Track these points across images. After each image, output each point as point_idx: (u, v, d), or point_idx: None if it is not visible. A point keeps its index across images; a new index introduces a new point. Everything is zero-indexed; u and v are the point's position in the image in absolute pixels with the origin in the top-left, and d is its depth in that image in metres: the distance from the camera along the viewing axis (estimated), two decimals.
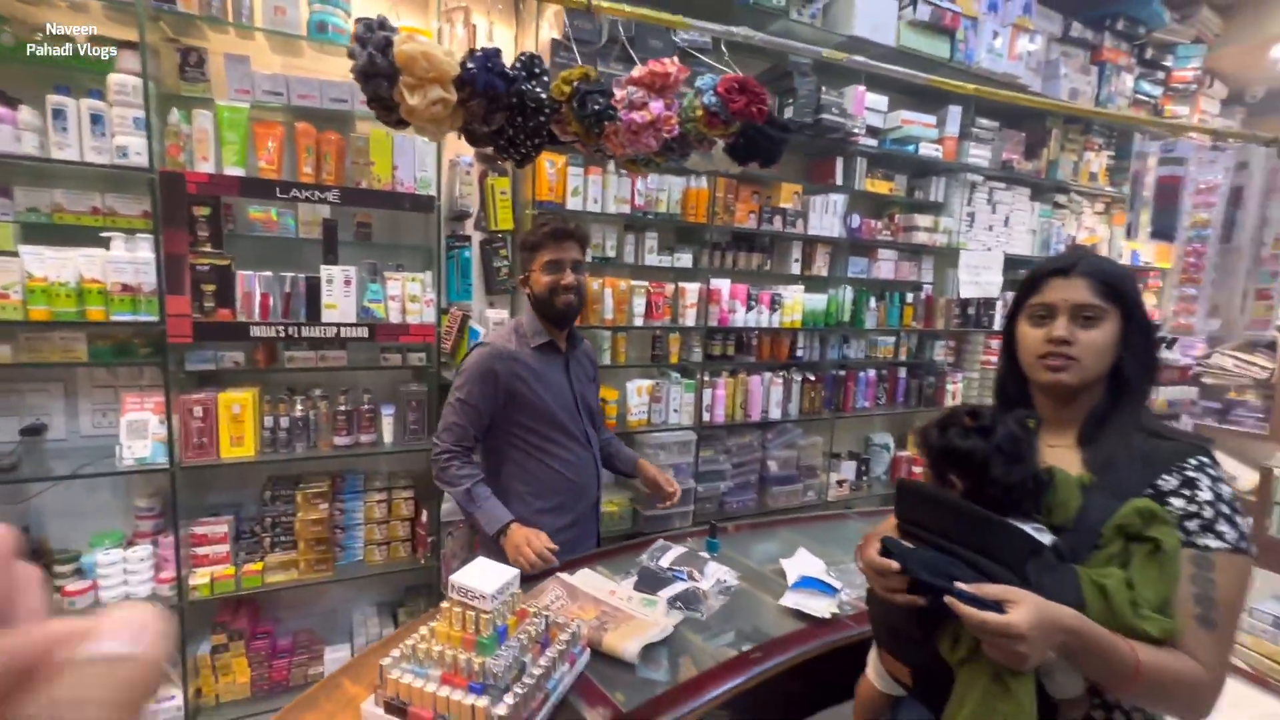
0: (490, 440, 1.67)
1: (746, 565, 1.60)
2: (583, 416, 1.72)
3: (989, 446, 0.83)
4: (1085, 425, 0.93)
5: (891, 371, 3.05)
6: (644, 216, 2.31)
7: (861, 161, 2.75)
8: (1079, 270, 0.90)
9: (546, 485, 1.66)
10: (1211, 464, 0.84)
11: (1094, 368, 0.89)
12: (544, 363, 1.65)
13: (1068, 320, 0.89)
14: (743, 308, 2.52)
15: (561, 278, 1.59)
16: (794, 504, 2.76)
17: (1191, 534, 0.79)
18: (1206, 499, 0.80)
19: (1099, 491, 0.84)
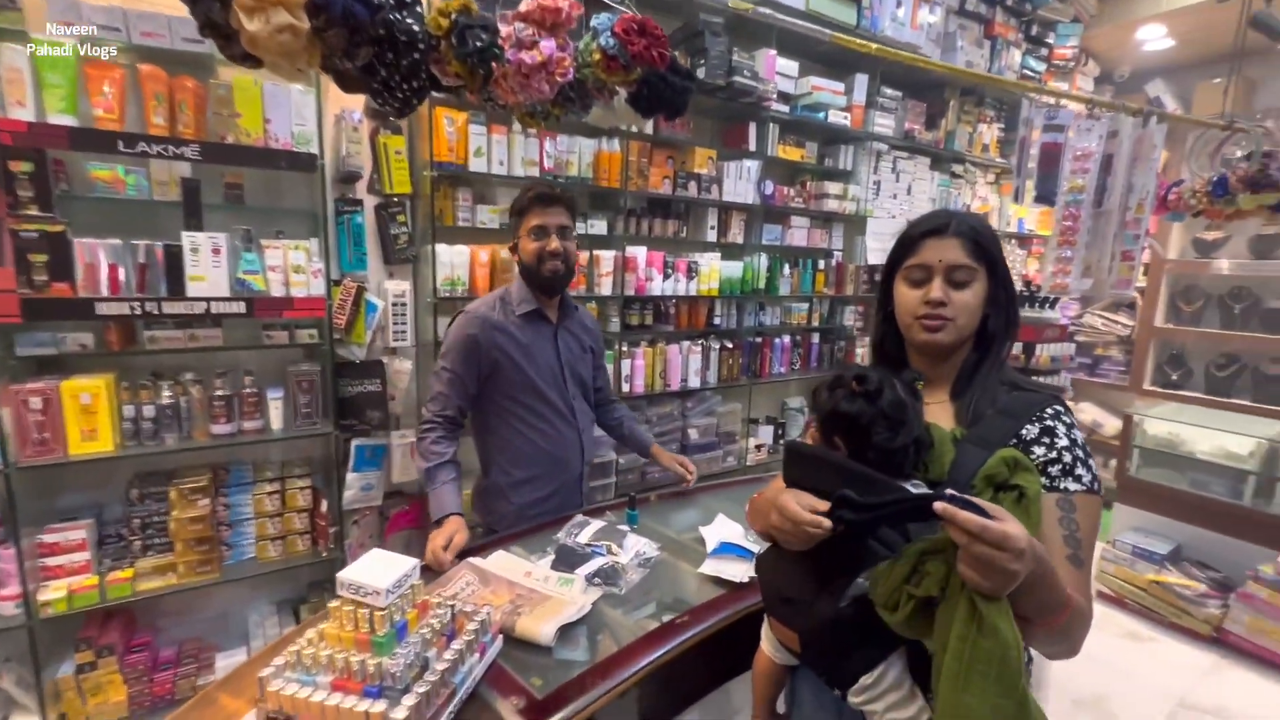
0: (476, 407, 1.65)
1: (666, 535, 1.58)
2: (569, 389, 1.67)
3: (874, 411, 0.83)
4: (957, 381, 0.97)
5: (805, 337, 3.13)
6: (554, 180, 2.20)
7: (774, 128, 2.74)
8: (952, 230, 0.92)
9: (524, 456, 1.64)
10: (1065, 412, 0.89)
11: (967, 326, 0.93)
12: (529, 332, 1.62)
13: (943, 281, 0.91)
14: (660, 276, 2.48)
15: (547, 244, 1.55)
16: (715, 470, 2.79)
17: (1055, 479, 0.83)
18: (1064, 444, 0.85)
19: (970, 444, 0.87)
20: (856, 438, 0.85)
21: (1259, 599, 2.69)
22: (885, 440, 0.82)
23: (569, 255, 1.61)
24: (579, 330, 1.76)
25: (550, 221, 1.56)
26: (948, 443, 0.88)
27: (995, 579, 0.65)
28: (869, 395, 0.84)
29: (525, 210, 1.58)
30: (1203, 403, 3.84)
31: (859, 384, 0.85)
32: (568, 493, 1.74)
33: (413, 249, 2.07)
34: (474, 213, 2.12)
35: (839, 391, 0.87)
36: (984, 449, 0.85)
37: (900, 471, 0.84)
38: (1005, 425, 0.88)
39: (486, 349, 1.58)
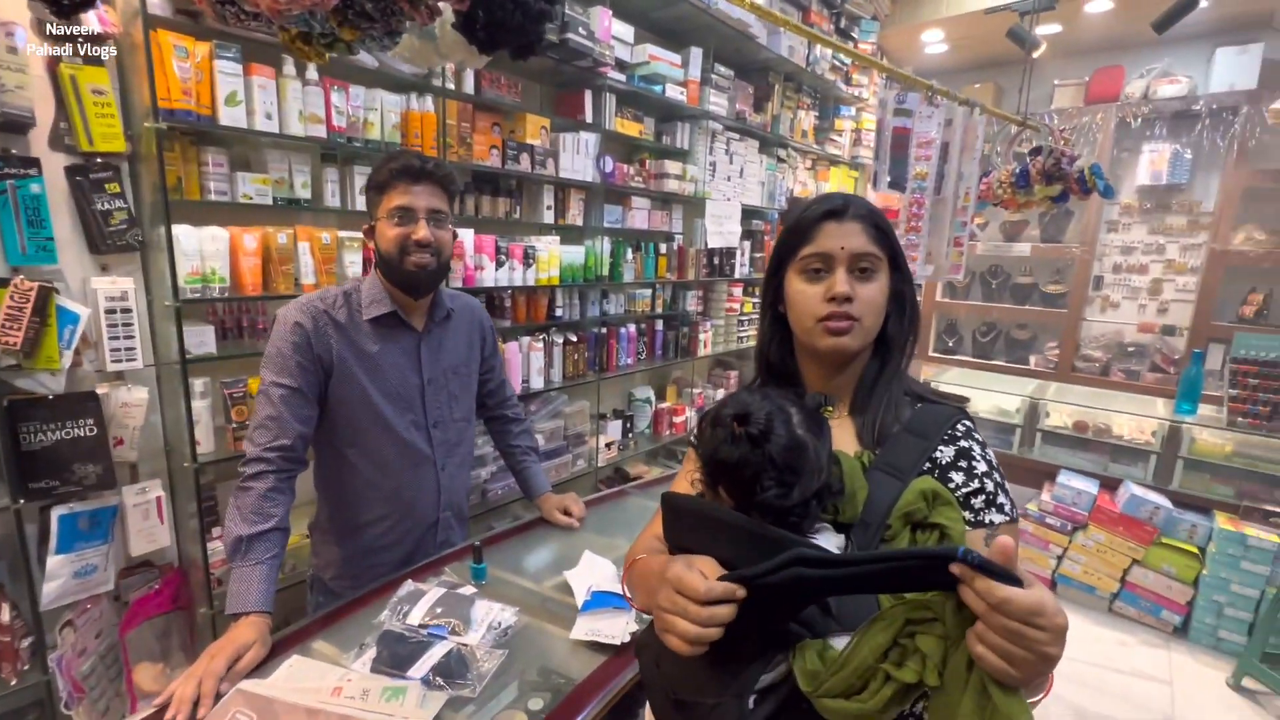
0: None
1: (523, 588, 1.30)
2: (428, 416, 1.36)
3: (760, 459, 0.65)
4: (857, 393, 0.84)
5: (650, 325, 2.99)
6: (348, 144, 1.73)
7: (611, 98, 2.50)
8: (853, 212, 0.79)
9: (357, 496, 1.34)
10: (974, 426, 0.80)
11: (873, 328, 0.80)
12: (379, 342, 1.30)
13: (846, 272, 0.77)
14: (491, 264, 2.12)
15: (413, 231, 1.23)
16: (565, 476, 2.54)
17: (979, 511, 0.74)
18: (982, 470, 0.76)
19: (880, 472, 0.74)
20: (740, 492, 0.67)
21: (1026, 532, 3.18)
22: (775, 498, 0.64)
23: (441, 247, 1.27)
24: (456, 339, 1.43)
25: (418, 203, 1.24)
26: (859, 475, 0.73)
27: (1026, 665, 0.48)
28: (754, 439, 0.65)
29: (385, 186, 1.24)
30: (971, 365, 4.49)
31: (740, 423, 0.66)
32: (415, 544, 1.41)
33: (136, 231, 1.47)
34: (233, 183, 1.57)
35: (719, 432, 0.68)
36: (896, 478, 0.73)
37: (801, 529, 0.67)
38: (916, 447, 0.76)
39: (321, 349, 1.22)
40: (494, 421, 1.63)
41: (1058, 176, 2.13)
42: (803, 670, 0.61)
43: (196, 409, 1.54)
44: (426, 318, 1.37)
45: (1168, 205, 3.98)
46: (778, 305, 0.86)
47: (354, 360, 1.27)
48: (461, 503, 1.50)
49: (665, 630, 0.62)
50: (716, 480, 0.70)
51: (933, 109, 1.80)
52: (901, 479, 0.73)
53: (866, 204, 0.82)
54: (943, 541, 0.67)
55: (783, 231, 0.85)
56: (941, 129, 1.81)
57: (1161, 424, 3.07)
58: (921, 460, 0.75)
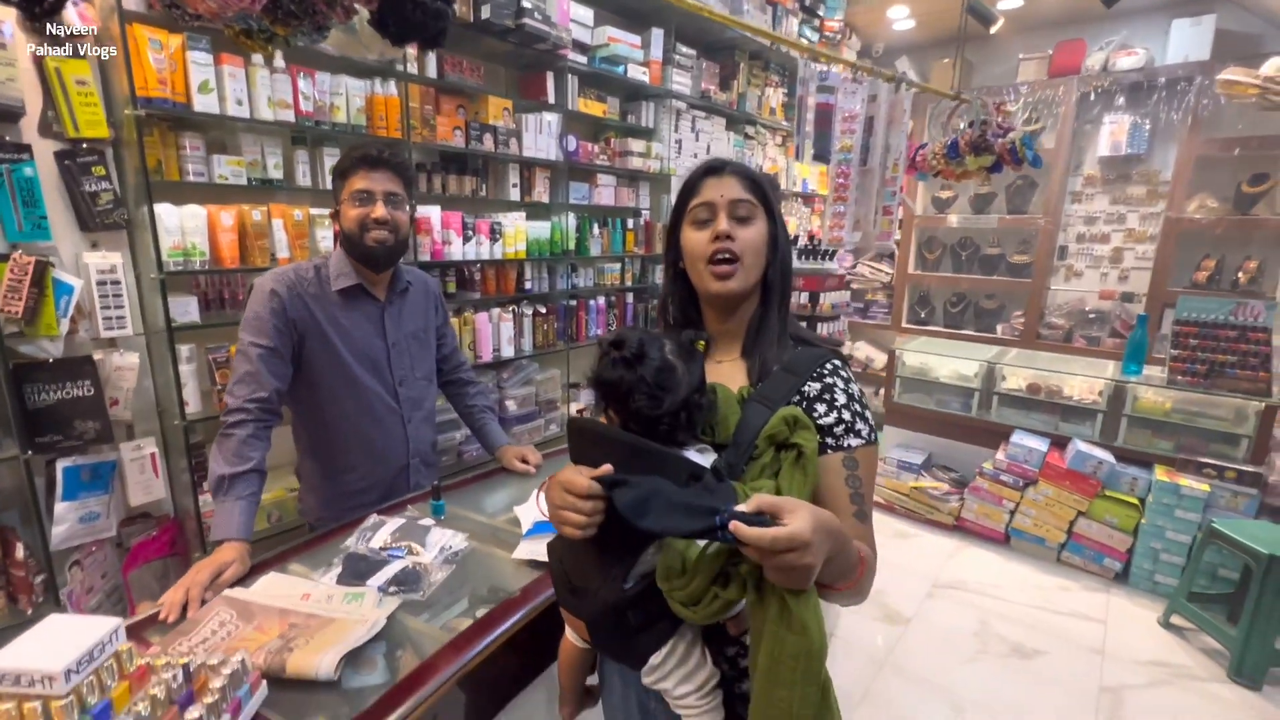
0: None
1: (478, 522, 1.47)
2: (394, 375, 1.54)
3: (634, 378, 0.79)
4: (746, 337, 0.97)
5: (619, 297, 3.13)
6: (316, 127, 1.86)
7: (573, 80, 2.62)
8: (730, 170, 0.94)
9: (334, 445, 1.52)
10: (843, 365, 0.93)
11: (754, 267, 0.93)
12: (348, 311, 1.47)
13: (727, 217, 0.91)
14: (459, 239, 2.27)
15: (371, 210, 1.40)
16: (536, 440, 2.71)
17: (839, 437, 0.85)
18: (842, 402, 0.87)
19: (755, 403, 0.86)
20: (621, 407, 0.81)
21: (983, 489, 3.35)
22: (646, 407, 0.79)
23: (398, 225, 1.44)
24: (414, 309, 1.60)
25: (375, 187, 1.41)
26: (733, 403, 0.87)
27: (798, 577, 0.65)
28: (628, 360, 0.79)
29: (347, 172, 1.41)
30: (943, 335, 4.64)
31: (617, 349, 0.81)
32: (388, 487, 1.58)
33: (122, 211, 1.62)
34: (210, 165, 1.71)
35: (602, 357, 0.82)
36: (768, 408, 0.85)
37: (675, 438, 0.82)
38: (788, 383, 0.89)
39: (295, 315, 1.39)
40: (450, 385, 1.78)
41: (985, 148, 2.25)
42: (663, 565, 0.77)
43: (183, 373, 1.69)
44: (388, 289, 1.53)
45: (1128, 175, 4.10)
46: (678, 262, 1.00)
47: (327, 325, 1.43)
48: (428, 451, 1.67)
49: (559, 522, 0.78)
50: (605, 402, 0.85)
51: (856, 85, 1.92)
52: (772, 408, 0.85)
53: (744, 166, 0.96)
54: (800, 460, 0.81)
55: (679, 190, 0.99)
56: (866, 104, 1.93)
57: (1108, 384, 3.22)
58: (791, 393, 0.87)
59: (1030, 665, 2.44)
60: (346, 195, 1.41)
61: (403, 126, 2.04)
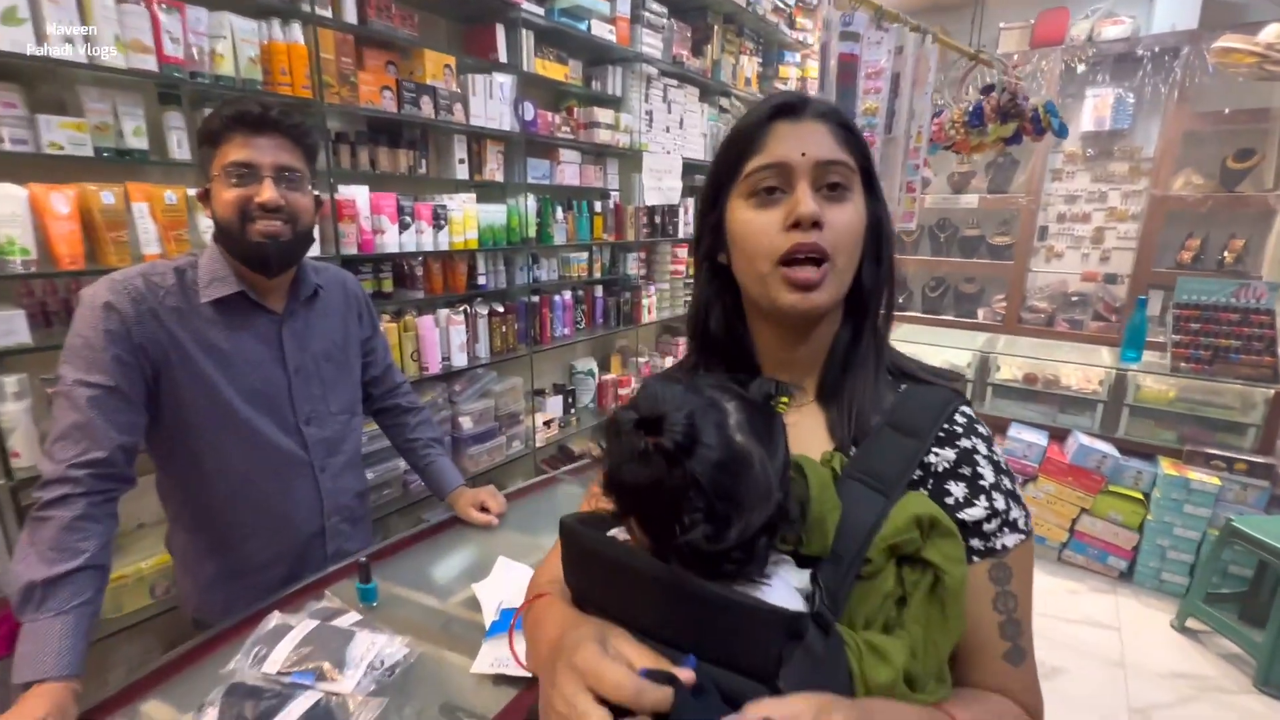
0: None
1: (424, 608, 1.09)
2: (296, 413, 1.14)
3: (682, 481, 0.44)
4: (827, 371, 0.64)
5: (588, 291, 2.76)
6: (192, 80, 1.41)
7: (528, 35, 2.21)
8: (813, 110, 0.58)
9: (218, 512, 1.11)
10: (975, 416, 0.62)
11: (847, 270, 0.59)
12: (229, 327, 1.06)
13: (812, 190, 0.56)
14: (393, 226, 1.85)
15: (256, 191, 1.00)
16: (498, 461, 2.33)
17: (988, 536, 0.56)
18: (990, 480, 0.57)
19: (855, 483, 0.55)
20: (657, 527, 0.46)
21: None
22: (706, 539, 0.44)
23: (297, 212, 1.04)
24: (327, 318, 1.19)
25: (261, 158, 1.01)
26: (829, 491, 0.53)
27: None
28: (670, 453, 0.44)
29: (218, 137, 1.00)
30: (922, 321, 4.44)
31: (650, 430, 0.45)
32: (296, 559, 1.19)
33: None
34: (35, 128, 1.25)
35: (621, 442, 0.46)
36: (878, 492, 0.54)
37: (746, 571, 0.47)
38: (903, 449, 0.57)
39: (144, 339, 0.97)
40: (385, 415, 1.40)
41: (1014, 113, 1.98)
42: None
43: (10, 413, 1.25)
44: (287, 297, 1.13)
45: (1110, 151, 3.95)
46: (716, 254, 0.65)
47: (198, 353, 1.03)
48: (353, 505, 1.28)
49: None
50: (624, 509, 0.50)
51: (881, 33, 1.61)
52: (885, 493, 0.54)
53: (827, 101, 0.62)
54: (936, 588, 0.51)
55: (721, 147, 0.63)
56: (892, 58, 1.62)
57: (1108, 373, 3.05)
58: (911, 467, 0.56)
59: (1054, 686, 2.23)
60: (219, 170, 1.00)
61: (313, 84, 1.61)
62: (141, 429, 1.01)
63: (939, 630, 0.51)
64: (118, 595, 1.42)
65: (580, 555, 0.54)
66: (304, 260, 1.15)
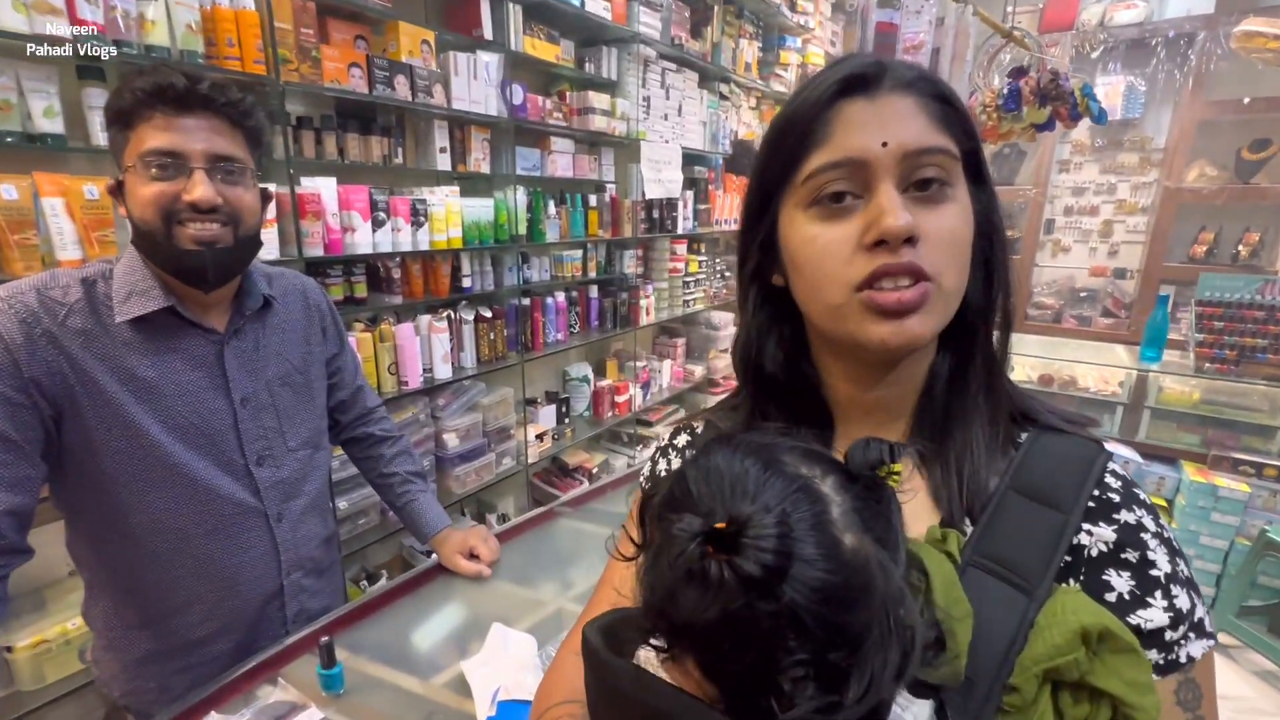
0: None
1: (405, 693, 0.89)
2: (245, 452, 0.93)
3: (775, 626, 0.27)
4: (922, 416, 0.48)
5: (582, 292, 2.56)
6: (119, 52, 1.18)
7: (516, 9, 1.99)
8: (893, 79, 0.42)
9: (146, 578, 0.89)
10: (1129, 477, 0.45)
11: (957, 291, 0.43)
12: (152, 352, 0.85)
13: (898, 191, 0.41)
14: (366, 223, 1.63)
15: (183, 187, 0.79)
16: (487, 479, 2.12)
17: (1170, 645, 0.41)
18: (1164, 567, 0.42)
19: (981, 573, 0.41)
20: (735, 685, 0.30)
21: None
22: (815, 712, 0.27)
23: (239, 212, 0.84)
24: (283, 333, 0.99)
25: (189, 145, 0.79)
26: (955, 589, 0.39)
27: None
28: (756, 582, 0.27)
29: (132, 117, 0.79)
30: None
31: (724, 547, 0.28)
32: (250, 627, 0.98)
33: None
34: None
35: (676, 556, 0.29)
36: (1015, 587, 0.40)
37: None
38: (1043, 525, 0.42)
39: (39, 372, 0.78)
40: (355, 445, 1.19)
41: (1054, 95, 1.81)
42: None
43: None
44: (231, 312, 0.92)
45: (1120, 142, 3.82)
46: (768, 274, 0.49)
47: (112, 385, 0.82)
48: (318, 555, 1.07)
49: None
50: (678, 647, 0.32)
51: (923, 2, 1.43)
52: (1026, 590, 0.39)
53: (914, 64, 0.44)
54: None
55: (768, 137, 0.46)
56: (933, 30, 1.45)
57: (1128, 374, 2.92)
58: (1058, 551, 0.41)
59: None
60: (134, 158, 0.79)
61: (267, 58, 1.38)
62: (37, 485, 0.80)
63: None
64: (38, 663, 1.20)
65: (613, 695, 0.35)
66: (252, 267, 0.95)
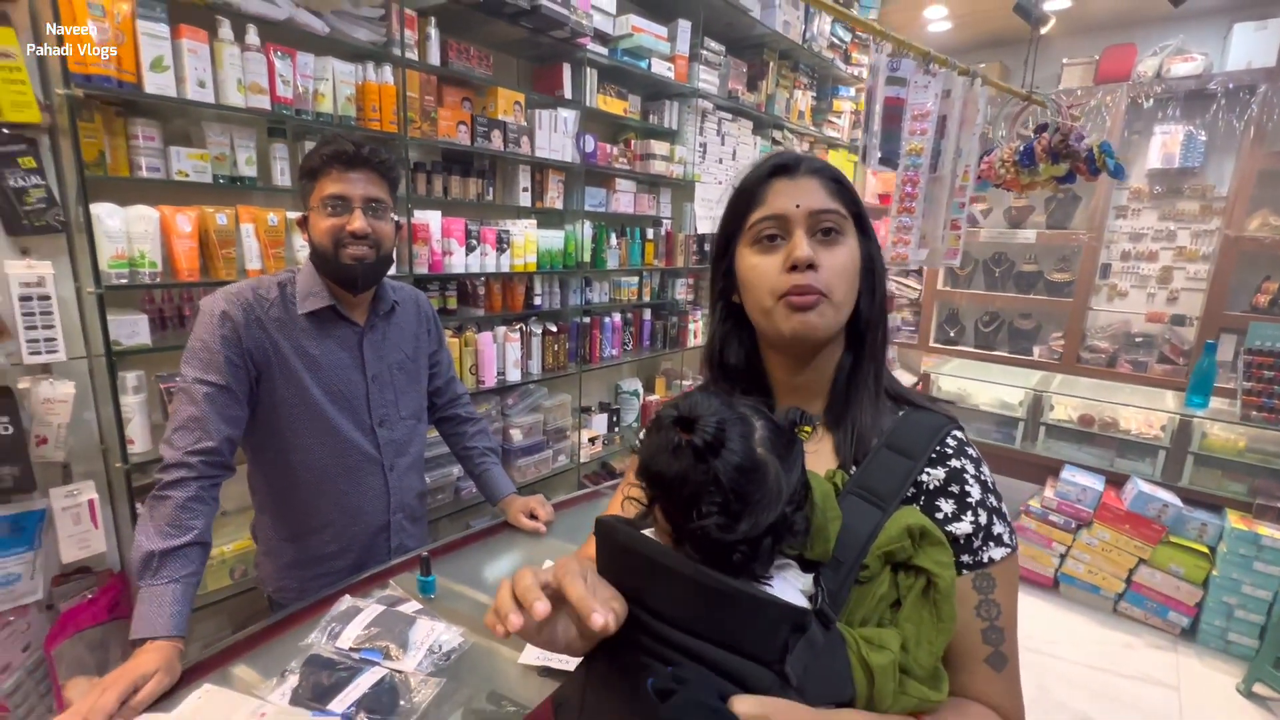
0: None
1: (478, 602, 1.18)
2: (373, 415, 1.27)
3: (705, 476, 0.51)
4: (831, 397, 0.72)
5: (636, 314, 2.86)
6: (297, 117, 1.59)
7: (592, 73, 2.36)
8: (806, 168, 0.68)
9: (297, 503, 1.25)
10: (966, 440, 0.69)
11: (845, 303, 0.67)
12: (318, 338, 1.21)
13: (807, 236, 0.65)
14: (461, 248, 1.99)
15: (347, 221, 1.14)
16: (544, 474, 2.43)
17: (975, 551, 0.62)
18: (977, 498, 0.64)
19: (855, 498, 0.63)
20: (679, 515, 0.54)
21: (1030, 530, 3.06)
22: (716, 528, 0.51)
23: (381, 239, 1.18)
24: (401, 331, 1.33)
25: (353, 191, 1.15)
26: (832, 502, 0.61)
27: None
28: (699, 450, 0.51)
29: (317, 172, 1.15)
30: (974, 356, 4.35)
31: (684, 428, 0.53)
32: (364, 551, 1.31)
33: (57, 211, 1.35)
34: (167, 158, 1.44)
35: (659, 436, 0.54)
36: (876, 505, 0.62)
37: (749, 569, 0.54)
38: (898, 467, 0.65)
39: (250, 343, 1.12)
40: (446, 423, 1.51)
41: (1065, 154, 1.98)
42: None
43: (129, 405, 1.42)
44: (369, 312, 1.27)
45: (1179, 190, 3.82)
46: (730, 294, 0.74)
47: (293, 357, 1.17)
48: (414, 504, 1.39)
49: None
50: (653, 496, 0.58)
51: (929, 78, 1.66)
52: (882, 507, 0.62)
53: (821, 160, 0.71)
54: (928, 594, 0.58)
55: (728, 203, 0.73)
56: (939, 101, 1.67)
57: (1171, 418, 2.93)
58: (905, 484, 0.64)
59: None
60: (316, 201, 1.16)
61: (399, 119, 1.78)
62: (243, 423, 1.15)
63: (931, 629, 0.57)
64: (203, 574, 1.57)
65: (613, 549, 0.60)
66: (384, 279, 1.29)
